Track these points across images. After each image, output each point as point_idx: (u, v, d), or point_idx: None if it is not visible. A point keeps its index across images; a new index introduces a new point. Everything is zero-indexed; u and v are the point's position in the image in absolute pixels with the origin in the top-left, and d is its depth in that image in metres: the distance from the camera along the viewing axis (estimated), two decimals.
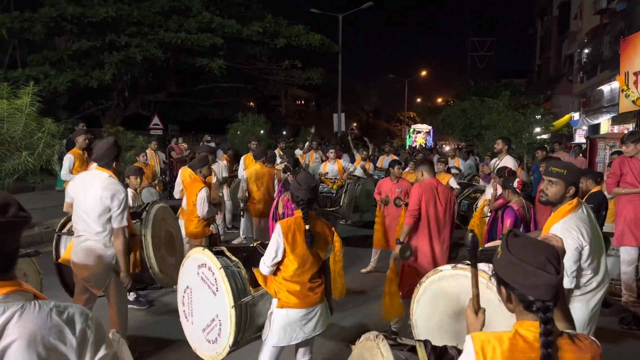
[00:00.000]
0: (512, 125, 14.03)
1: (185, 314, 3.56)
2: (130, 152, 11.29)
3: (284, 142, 12.80)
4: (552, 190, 3.10)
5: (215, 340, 3.30)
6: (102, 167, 3.96)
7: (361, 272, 7.13)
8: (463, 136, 20.83)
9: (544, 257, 1.62)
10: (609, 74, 20.72)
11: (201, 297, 3.39)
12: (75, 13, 17.49)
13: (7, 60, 19.26)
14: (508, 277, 1.68)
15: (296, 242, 3.15)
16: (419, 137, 41.51)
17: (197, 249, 3.47)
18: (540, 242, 1.71)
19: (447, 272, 3.14)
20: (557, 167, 3.11)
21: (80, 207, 3.92)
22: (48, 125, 7.98)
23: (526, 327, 1.62)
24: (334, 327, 5.09)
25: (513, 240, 1.72)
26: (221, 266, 3.23)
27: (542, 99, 29.06)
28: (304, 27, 21.28)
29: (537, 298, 1.60)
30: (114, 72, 18.02)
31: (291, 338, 3.23)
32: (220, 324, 3.25)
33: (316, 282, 3.28)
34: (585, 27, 26.09)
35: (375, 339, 2.04)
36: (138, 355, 4.32)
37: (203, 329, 3.38)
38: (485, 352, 1.60)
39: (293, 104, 52.96)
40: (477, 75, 52.87)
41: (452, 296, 3.07)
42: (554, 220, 3.12)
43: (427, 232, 4.84)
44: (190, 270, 3.47)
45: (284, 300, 3.18)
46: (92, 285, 4.00)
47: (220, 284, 3.20)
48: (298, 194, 3.26)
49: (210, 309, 3.32)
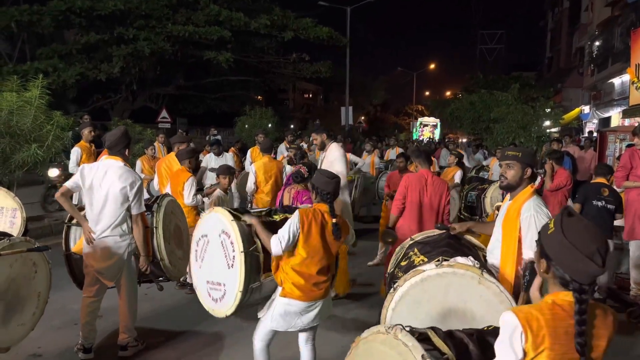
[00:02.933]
0: (521, 118, 13.90)
1: (196, 255, 3.63)
2: (139, 145, 11.33)
3: (291, 136, 12.78)
4: (510, 172, 3.14)
5: (217, 300, 3.44)
6: (114, 155, 3.99)
7: (368, 265, 7.16)
8: (471, 129, 20.69)
9: (596, 247, 1.67)
10: (620, 67, 20.49)
11: (215, 256, 3.43)
12: (83, 6, 17.54)
13: (16, 54, 19.36)
14: (555, 255, 1.75)
15: (311, 233, 3.20)
16: (425, 131, 41.20)
17: (227, 215, 3.38)
18: (594, 230, 1.74)
19: (431, 272, 2.82)
20: (512, 151, 3.22)
21: (95, 197, 3.94)
22: (57, 118, 8.02)
23: (562, 297, 1.74)
24: (340, 319, 5.11)
25: (567, 220, 1.76)
26: (243, 250, 3.23)
27: (552, 92, 28.78)
28: (312, 19, 21.19)
29: (577, 281, 1.69)
30: (122, 65, 18.07)
31: (289, 325, 3.29)
32: (225, 293, 3.35)
33: (323, 277, 3.30)
34: (596, 19, 25.78)
35: (390, 331, 1.97)
36: (146, 346, 4.36)
37: (208, 281, 3.51)
38: (531, 324, 1.68)
39: (301, 98, 52.89)
40: (486, 68, 52.32)
41: (437, 298, 2.78)
42: (520, 200, 3.10)
43: (415, 222, 4.94)
44: (213, 227, 3.45)
45: (287, 291, 3.22)
46: (105, 276, 4.05)
47: (237, 265, 3.23)
48: (325, 188, 3.31)
49: (219, 273, 3.39)
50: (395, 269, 3.39)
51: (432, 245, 3.35)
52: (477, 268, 2.79)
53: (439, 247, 3.27)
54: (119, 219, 3.97)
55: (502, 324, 1.73)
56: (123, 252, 4.02)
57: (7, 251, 3.45)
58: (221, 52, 19.43)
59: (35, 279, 3.80)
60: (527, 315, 1.69)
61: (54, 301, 4.57)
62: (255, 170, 7.04)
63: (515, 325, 1.68)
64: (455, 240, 3.45)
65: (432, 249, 3.27)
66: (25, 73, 13.52)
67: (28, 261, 3.71)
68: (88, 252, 4.04)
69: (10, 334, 3.63)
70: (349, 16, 25.03)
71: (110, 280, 4.08)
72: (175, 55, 20.07)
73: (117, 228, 3.97)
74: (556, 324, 1.69)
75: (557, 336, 1.68)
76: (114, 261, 4.00)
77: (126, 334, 4.21)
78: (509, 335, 1.70)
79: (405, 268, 3.22)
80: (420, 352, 1.83)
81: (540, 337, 1.67)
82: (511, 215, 3.11)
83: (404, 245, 3.59)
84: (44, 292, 3.91)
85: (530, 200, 3.07)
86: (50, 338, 4.49)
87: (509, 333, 1.70)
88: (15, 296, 3.61)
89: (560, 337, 1.68)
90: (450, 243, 3.35)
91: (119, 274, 4.07)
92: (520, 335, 1.67)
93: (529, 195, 3.10)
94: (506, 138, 13.73)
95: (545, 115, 15.01)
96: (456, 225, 3.53)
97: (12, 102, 7.48)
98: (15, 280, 3.59)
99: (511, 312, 1.72)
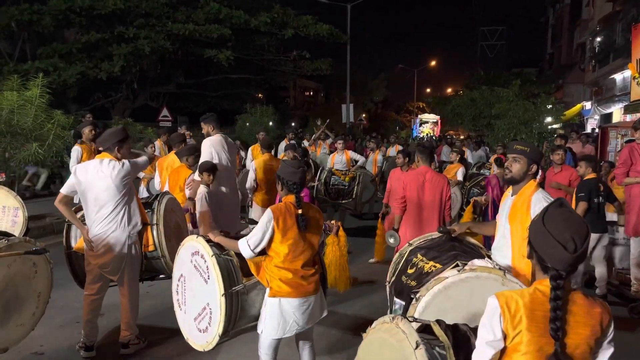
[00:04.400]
0: (523, 114, 13.88)
1: (179, 303, 3.55)
2: (140, 143, 11.33)
3: (292, 134, 12.76)
4: (516, 166, 3.14)
5: (205, 329, 3.27)
6: (105, 152, 4.01)
7: (369, 262, 7.15)
8: (473, 126, 20.68)
9: (569, 235, 1.78)
10: (621, 62, 20.43)
11: (194, 286, 3.37)
12: (84, 5, 17.58)
13: (17, 53, 19.38)
14: (535, 240, 1.88)
15: (287, 226, 3.11)
16: (425, 128, 40.92)
17: (192, 237, 3.46)
18: (575, 220, 1.84)
19: (454, 278, 2.75)
20: (521, 145, 3.21)
21: (90, 196, 3.96)
22: (57, 117, 8.05)
23: (545, 285, 1.83)
24: (341, 316, 5.11)
25: (553, 209, 1.88)
26: (213, 254, 3.20)
27: (553, 88, 28.72)
28: (312, 17, 21.17)
29: (552, 266, 1.80)
30: (122, 64, 18.08)
31: (285, 330, 3.16)
32: (211, 312, 3.21)
33: (310, 270, 3.22)
34: (598, 15, 25.72)
35: (393, 320, 2.04)
36: (148, 344, 4.37)
37: (195, 317, 3.36)
38: (510, 306, 1.79)
39: (301, 95, 52.85)
40: (487, 64, 52.31)
41: (462, 304, 2.70)
42: (526, 194, 3.11)
43: (415, 219, 4.90)
44: (185, 259, 3.46)
45: (276, 290, 3.12)
46: (108, 271, 4.06)
47: (212, 271, 3.17)
48: (291, 178, 3.24)
49: (201, 298, 3.30)
50: (403, 277, 3.25)
51: (438, 250, 3.26)
52: (499, 269, 2.77)
53: (446, 251, 3.20)
54: (116, 213, 3.97)
55: (486, 307, 1.85)
56: (123, 245, 4.03)
57: (4, 253, 3.41)
58: (221, 50, 19.43)
59: (35, 279, 3.78)
60: (507, 299, 1.81)
61: (56, 300, 4.59)
62: (255, 168, 7.04)
63: (495, 307, 1.81)
64: (458, 242, 3.40)
65: (440, 254, 3.18)
66: (26, 72, 13.56)
67: (27, 261, 3.68)
68: (89, 250, 4.05)
69: (8, 335, 3.60)
70: (349, 13, 24.98)
71: (114, 275, 4.08)
72: (175, 53, 20.08)
73: (115, 222, 3.98)
74: (534, 306, 1.78)
75: (535, 319, 1.77)
76: (116, 254, 4.01)
77: (128, 331, 4.22)
78: (489, 317, 1.82)
79: (415, 276, 3.12)
80: (415, 339, 1.92)
81: (518, 318, 1.77)
82: (520, 209, 3.10)
83: (402, 253, 3.46)
84: (44, 292, 3.89)
85: (538, 193, 3.09)
86: (53, 336, 4.50)
87: (489, 315, 1.83)
88: (13, 296, 3.59)
89: (537, 320, 1.77)
90: (456, 246, 3.30)
91: (121, 267, 4.08)
92: (500, 317, 1.79)
93: (535, 188, 3.12)
94: (507, 134, 13.71)
95: (547, 111, 14.97)
96: (455, 227, 3.49)
97: (13, 101, 7.51)
98: (13, 280, 3.57)
99: (494, 296, 1.84)
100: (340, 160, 9.43)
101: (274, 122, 19.79)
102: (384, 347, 2.10)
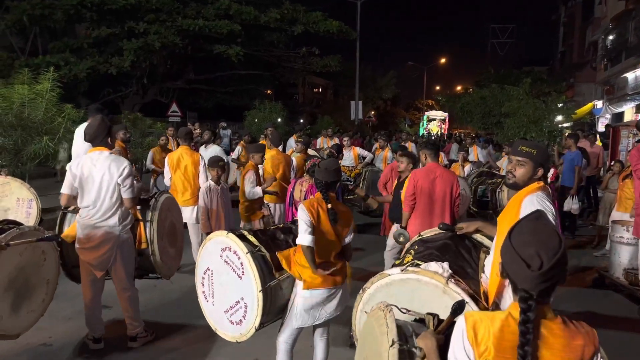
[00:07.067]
0: (533, 113, 13.76)
1: (205, 295, 3.59)
2: (149, 138, 11.40)
3: (301, 131, 12.74)
4: (520, 171, 2.69)
5: (239, 321, 3.36)
6: (98, 146, 3.99)
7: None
8: (482, 124, 20.56)
9: (535, 250, 1.59)
10: (633, 61, 20.23)
11: (224, 280, 3.42)
12: (95, 0, 17.66)
13: (28, 47, 19.54)
14: (502, 256, 1.70)
15: (320, 220, 3.26)
16: (432, 125, 40.61)
17: (221, 232, 3.50)
18: (544, 233, 1.65)
19: (395, 276, 2.73)
20: (527, 147, 2.73)
21: (86, 191, 3.94)
22: (68, 110, 8.10)
23: (517, 309, 1.63)
24: (348, 308, 5.10)
25: (525, 222, 1.72)
26: (247, 251, 3.27)
27: (564, 86, 28.42)
28: (322, 13, 21.14)
29: (520, 286, 1.62)
30: (132, 59, 18.19)
31: (315, 318, 3.35)
32: (246, 306, 3.30)
33: (340, 262, 3.39)
34: (610, 13, 25.44)
35: (384, 309, 2.02)
36: (154, 337, 4.39)
37: (226, 310, 3.43)
38: (477, 331, 1.64)
39: (310, 92, 52.75)
40: (497, 62, 51.86)
41: (403, 304, 2.56)
42: (522, 194, 2.69)
43: (424, 217, 4.91)
44: (213, 253, 3.48)
45: (309, 282, 3.25)
46: (95, 267, 4.04)
47: (247, 268, 3.25)
48: (320, 177, 3.39)
49: (234, 292, 3.36)
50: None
51: (427, 246, 3.18)
52: (444, 277, 2.59)
53: (430, 248, 3.10)
54: (111, 209, 3.97)
55: (456, 325, 1.74)
56: (113, 243, 4.00)
57: (17, 241, 3.50)
58: (231, 46, 19.46)
59: (44, 266, 3.87)
60: (475, 322, 1.66)
61: (64, 292, 4.63)
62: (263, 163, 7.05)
63: (462, 329, 1.68)
64: (456, 240, 3.15)
65: (425, 249, 3.11)
66: (37, 66, 13.64)
67: (37, 249, 3.77)
68: (80, 244, 4.04)
69: (20, 321, 3.68)
70: (359, 10, 24.90)
71: (100, 271, 4.05)
72: (185, 49, 20.14)
73: (109, 219, 3.97)
74: (503, 336, 1.62)
75: (502, 349, 1.61)
76: (104, 251, 3.99)
77: (134, 324, 4.24)
78: (456, 338, 1.70)
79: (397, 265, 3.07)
80: (392, 336, 1.87)
81: (484, 347, 1.63)
82: (510, 210, 2.69)
83: (412, 241, 3.49)
84: (52, 278, 3.98)
85: (534, 195, 2.64)
86: (61, 328, 4.54)
87: (456, 336, 1.70)
88: (24, 284, 3.67)
89: (505, 351, 1.61)
90: (447, 244, 3.10)
91: (108, 265, 4.06)
92: (465, 340, 1.66)
93: (534, 189, 2.67)
94: (517, 133, 13.60)
95: (557, 110, 14.84)
96: (463, 225, 3.20)
97: (24, 95, 7.57)
98: (24, 268, 3.65)
99: (462, 316, 1.71)
100: (348, 156, 9.43)
101: (282, 119, 19.80)
102: (370, 336, 2.11)
